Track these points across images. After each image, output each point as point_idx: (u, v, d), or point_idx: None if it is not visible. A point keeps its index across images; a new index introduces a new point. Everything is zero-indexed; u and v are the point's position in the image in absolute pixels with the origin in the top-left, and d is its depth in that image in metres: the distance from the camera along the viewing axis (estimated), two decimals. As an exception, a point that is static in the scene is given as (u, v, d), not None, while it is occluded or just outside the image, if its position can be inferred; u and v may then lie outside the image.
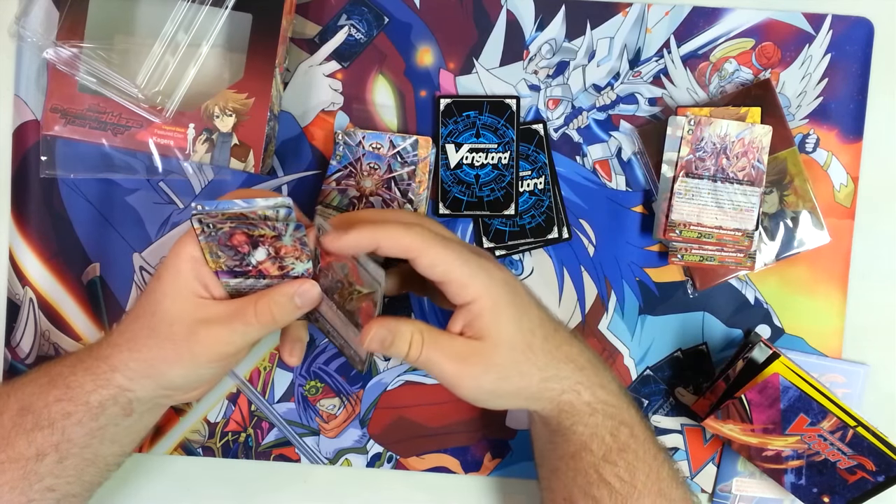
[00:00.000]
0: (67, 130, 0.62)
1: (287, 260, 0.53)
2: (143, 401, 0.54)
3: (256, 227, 0.51)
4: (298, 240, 0.52)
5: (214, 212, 0.50)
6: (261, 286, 0.54)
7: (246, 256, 0.52)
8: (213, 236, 0.51)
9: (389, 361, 0.66)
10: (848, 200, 0.65)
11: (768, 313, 0.65)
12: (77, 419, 0.53)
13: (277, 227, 0.51)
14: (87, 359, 0.54)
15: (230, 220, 0.50)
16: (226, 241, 0.51)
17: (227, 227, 0.51)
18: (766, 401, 0.59)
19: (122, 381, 0.53)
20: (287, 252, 0.52)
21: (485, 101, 0.64)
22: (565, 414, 0.53)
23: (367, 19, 0.65)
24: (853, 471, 0.60)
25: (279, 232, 0.51)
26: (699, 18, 0.65)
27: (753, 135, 0.62)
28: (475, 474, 0.66)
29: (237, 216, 0.50)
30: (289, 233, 0.51)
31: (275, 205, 0.50)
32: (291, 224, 0.51)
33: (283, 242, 0.52)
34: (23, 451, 0.53)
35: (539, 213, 0.64)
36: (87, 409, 0.53)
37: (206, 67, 0.62)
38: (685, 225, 0.62)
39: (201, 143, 0.62)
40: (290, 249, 0.52)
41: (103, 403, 0.53)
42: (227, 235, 0.51)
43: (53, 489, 0.54)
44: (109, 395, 0.53)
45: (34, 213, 0.65)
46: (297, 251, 0.52)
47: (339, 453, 0.66)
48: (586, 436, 0.53)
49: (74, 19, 0.61)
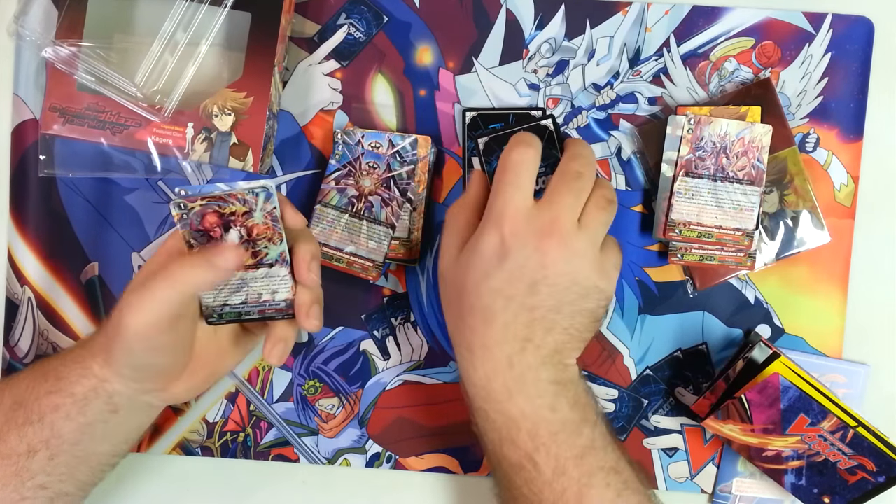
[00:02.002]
0: (66, 129, 0.62)
1: (260, 244, 0.52)
2: (121, 394, 0.53)
3: (227, 202, 0.51)
4: (269, 214, 0.52)
5: (195, 195, 0.51)
6: (236, 281, 0.53)
7: (219, 241, 0.52)
8: (187, 220, 0.51)
9: (388, 361, 0.66)
10: (848, 200, 0.65)
11: (768, 313, 0.65)
12: (65, 412, 0.53)
13: (248, 201, 0.51)
14: (77, 350, 0.55)
15: (202, 200, 0.51)
16: (197, 225, 0.51)
17: (198, 207, 0.51)
18: (766, 401, 0.59)
19: (97, 371, 0.53)
20: (259, 232, 0.52)
21: (511, 114, 0.64)
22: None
23: (367, 18, 0.65)
24: (853, 471, 0.59)
25: (250, 206, 0.51)
26: (699, 17, 0.65)
27: (753, 134, 0.62)
28: (474, 474, 0.66)
29: (213, 198, 0.51)
30: (259, 206, 0.51)
31: (255, 187, 0.51)
32: (261, 195, 0.51)
33: (255, 219, 0.52)
34: (14, 446, 0.53)
35: None
36: (73, 402, 0.53)
37: (204, 66, 0.61)
38: (685, 224, 0.62)
39: (200, 142, 0.62)
40: (262, 228, 0.52)
41: (87, 395, 0.53)
42: (199, 217, 0.51)
43: (46, 487, 0.54)
44: (91, 385, 0.53)
45: (33, 212, 0.65)
46: (268, 230, 0.52)
47: (337, 453, 0.66)
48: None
49: (73, 18, 0.61)
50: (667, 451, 0.66)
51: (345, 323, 0.66)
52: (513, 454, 0.52)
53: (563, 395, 0.53)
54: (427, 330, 0.66)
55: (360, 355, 0.66)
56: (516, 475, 0.53)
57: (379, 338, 0.66)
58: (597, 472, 0.52)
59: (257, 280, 0.54)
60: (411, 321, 0.66)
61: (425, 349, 0.66)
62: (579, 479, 0.52)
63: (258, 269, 0.53)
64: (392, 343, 0.66)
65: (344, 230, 0.62)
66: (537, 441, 0.52)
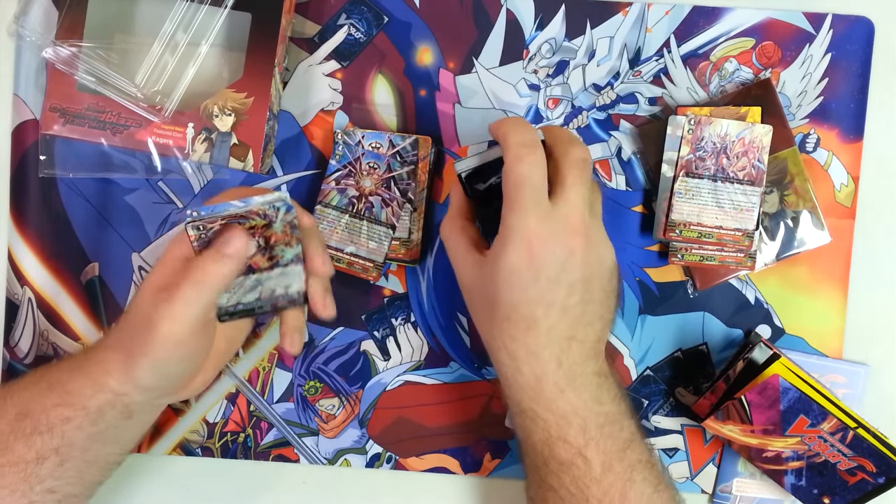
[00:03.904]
0: (66, 130, 0.62)
1: (277, 249, 0.53)
2: (138, 403, 0.54)
3: (248, 219, 0.51)
4: (289, 224, 0.52)
5: (211, 216, 0.50)
6: (251, 282, 0.53)
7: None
8: (205, 239, 0.51)
9: (389, 361, 0.66)
10: (848, 200, 0.65)
11: (769, 313, 0.65)
12: (77, 424, 0.53)
13: (268, 215, 0.51)
14: (84, 364, 0.54)
15: (222, 220, 0.50)
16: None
17: (217, 226, 0.51)
18: (766, 402, 0.59)
19: (115, 386, 0.53)
20: (277, 240, 0.52)
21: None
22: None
23: (367, 18, 0.65)
24: (853, 472, 0.59)
25: (270, 219, 0.51)
26: (699, 18, 0.65)
27: (754, 134, 0.62)
28: (475, 475, 0.66)
29: (233, 216, 0.50)
30: (280, 217, 0.51)
31: (272, 201, 0.50)
32: (282, 208, 0.51)
33: (274, 230, 0.52)
34: (22, 454, 0.53)
35: None
36: (86, 415, 0.53)
37: (205, 67, 0.61)
38: (685, 225, 0.62)
39: (200, 143, 0.62)
40: (280, 236, 0.52)
41: (101, 408, 0.53)
42: (218, 235, 0.51)
43: (54, 490, 0.54)
44: (106, 399, 0.53)
45: (33, 213, 0.65)
46: (286, 236, 0.52)
47: (338, 454, 0.66)
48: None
49: (73, 18, 0.61)
50: (667, 452, 0.66)
51: (345, 323, 0.66)
52: (564, 452, 0.53)
53: (605, 388, 0.54)
54: (427, 330, 0.66)
55: (360, 356, 0.66)
56: (565, 473, 0.53)
57: (379, 338, 0.66)
58: (636, 466, 0.53)
59: (272, 279, 0.54)
60: (411, 321, 0.66)
61: (426, 349, 0.66)
62: (622, 475, 0.52)
63: (273, 269, 0.53)
64: (392, 343, 0.66)
65: (344, 230, 0.62)
66: (587, 436, 0.52)
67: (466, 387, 0.66)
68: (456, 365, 0.66)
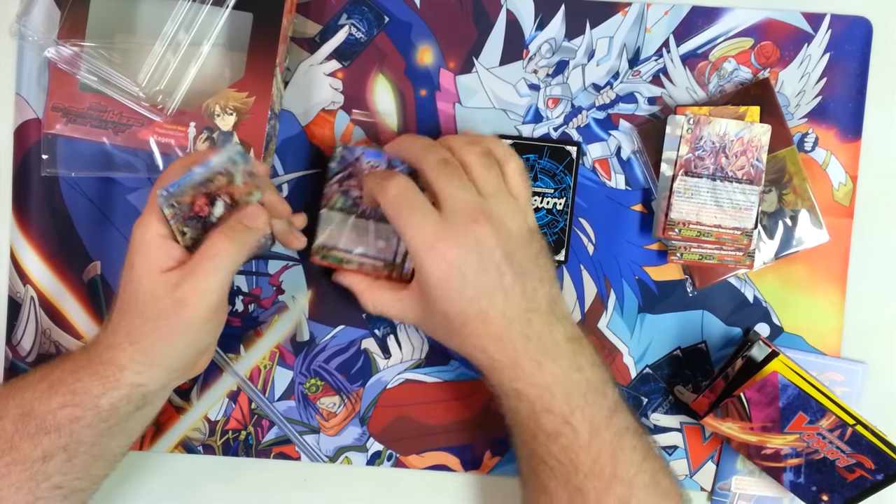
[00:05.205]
0: (69, 129, 0.62)
1: (241, 200, 0.55)
2: (155, 391, 0.55)
3: (212, 181, 0.53)
4: (248, 172, 0.54)
5: (180, 189, 0.52)
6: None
7: (207, 219, 0.54)
8: (180, 214, 0.53)
9: (389, 360, 0.66)
10: (847, 199, 0.65)
11: (767, 312, 0.65)
12: (86, 422, 0.53)
13: (229, 170, 0.54)
14: (88, 364, 0.54)
15: (192, 190, 0.53)
16: (189, 214, 0.53)
17: (188, 198, 0.53)
18: (764, 399, 0.59)
19: (133, 378, 0.53)
20: (240, 193, 0.54)
21: (546, 146, 0.64)
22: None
23: (368, 18, 0.65)
24: (852, 469, 0.60)
25: (231, 174, 0.54)
26: (698, 18, 0.65)
27: (752, 134, 0.62)
28: (475, 472, 0.66)
29: (199, 183, 0.53)
30: (239, 170, 0.54)
31: (229, 157, 0.53)
32: (240, 160, 0.54)
33: (236, 183, 0.54)
34: (28, 453, 0.53)
35: (552, 232, 0.64)
36: (96, 413, 0.53)
37: (206, 66, 0.62)
38: (684, 223, 0.62)
39: (202, 142, 0.62)
40: (242, 188, 0.54)
41: (115, 405, 0.53)
42: (189, 206, 0.53)
43: (61, 486, 0.54)
44: (122, 395, 0.53)
45: (35, 212, 0.65)
46: (248, 186, 0.55)
47: (339, 451, 0.66)
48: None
49: (76, 18, 0.61)
50: (666, 449, 0.66)
51: (346, 321, 0.66)
52: (550, 423, 0.53)
53: (582, 354, 0.54)
54: (428, 329, 0.66)
55: (361, 354, 0.66)
56: (554, 443, 0.53)
57: (380, 336, 0.66)
58: (624, 434, 0.54)
59: None
60: (412, 320, 0.66)
61: (426, 347, 0.66)
62: (611, 441, 0.53)
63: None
64: (393, 341, 0.66)
65: (352, 231, 0.62)
66: (572, 405, 0.53)
67: (466, 385, 0.66)
68: (456, 363, 0.66)
